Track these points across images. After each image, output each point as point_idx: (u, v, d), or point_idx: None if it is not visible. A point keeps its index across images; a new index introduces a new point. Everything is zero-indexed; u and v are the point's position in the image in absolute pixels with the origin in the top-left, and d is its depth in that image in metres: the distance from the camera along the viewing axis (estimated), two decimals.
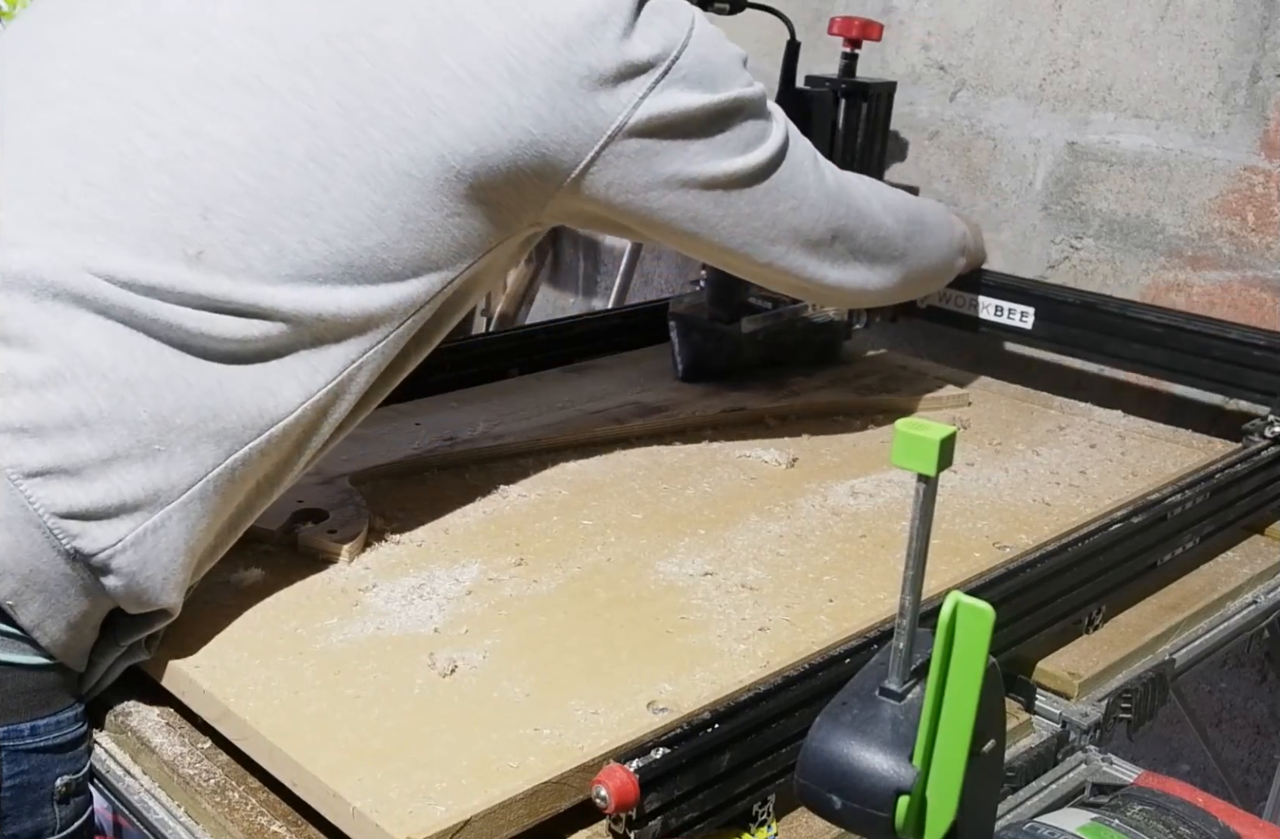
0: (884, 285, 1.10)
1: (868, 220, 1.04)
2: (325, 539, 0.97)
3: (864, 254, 1.05)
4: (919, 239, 1.12)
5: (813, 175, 0.99)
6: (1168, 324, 1.28)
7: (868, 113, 1.41)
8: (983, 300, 1.41)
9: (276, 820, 0.75)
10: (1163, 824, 0.78)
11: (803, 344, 1.43)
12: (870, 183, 1.10)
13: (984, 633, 0.47)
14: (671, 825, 0.71)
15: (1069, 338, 1.35)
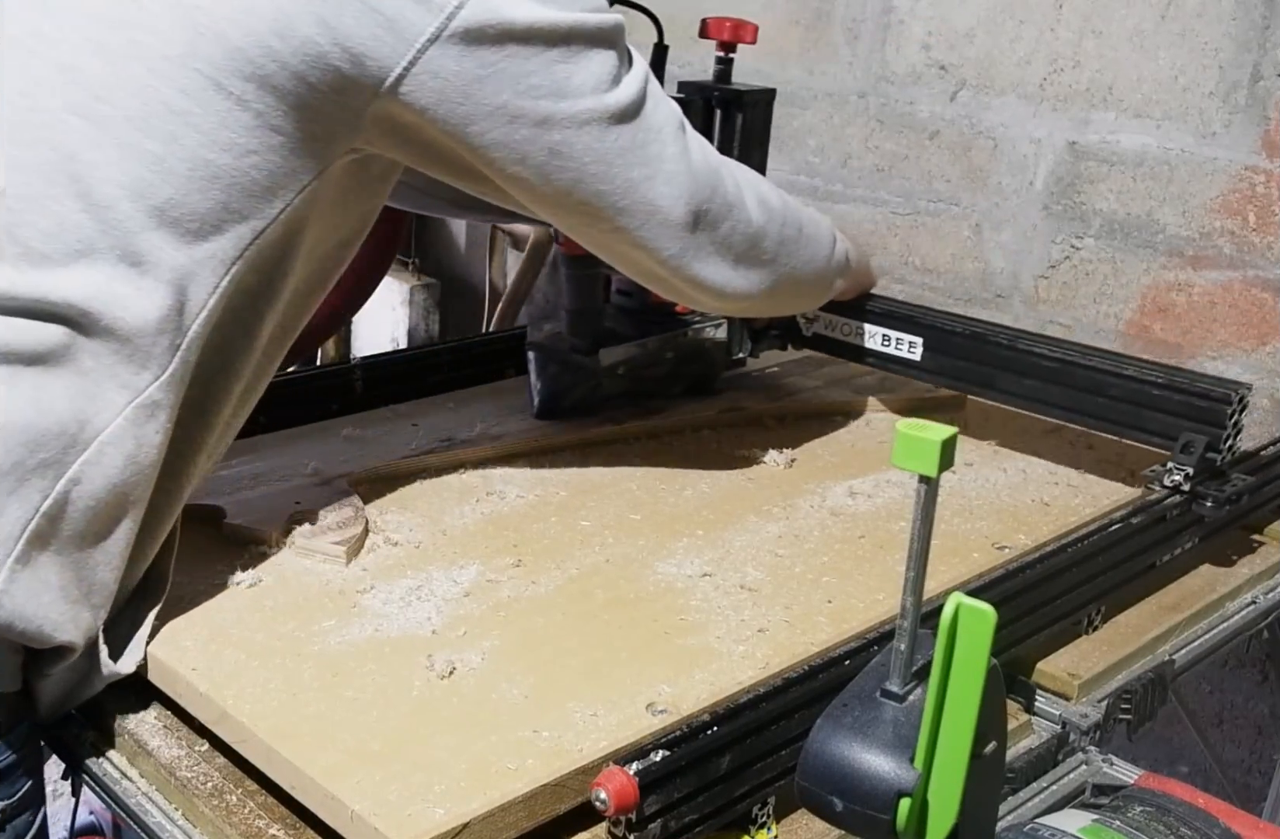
0: (747, 290, 0.99)
1: (735, 212, 0.95)
2: (323, 541, 0.97)
3: (727, 249, 0.95)
4: (792, 247, 1.02)
5: (673, 146, 0.89)
6: (1061, 358, 1.13)
7: (743, 122, 1.28)
8: (869, 328, 1.26)
9: (275, 823, 0.75)
10: (1163, 825, 0.78)
11: (673, 375, 1.31)
12: (752, 177, 1.01)
13: (985, 634, 0.47)
14: (671, 828, 0.70)
15: (958, 371, 1.21)
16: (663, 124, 0.88)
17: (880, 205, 1.69)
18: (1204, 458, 1.04)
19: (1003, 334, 1.19)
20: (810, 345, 1.33)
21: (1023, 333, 1.20)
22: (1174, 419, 1.07)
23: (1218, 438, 1.05)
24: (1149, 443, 1.10)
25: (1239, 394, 1.05)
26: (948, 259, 1.63)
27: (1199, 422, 1.05)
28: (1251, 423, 1.38)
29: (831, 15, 1.69)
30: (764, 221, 0.98)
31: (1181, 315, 1.43)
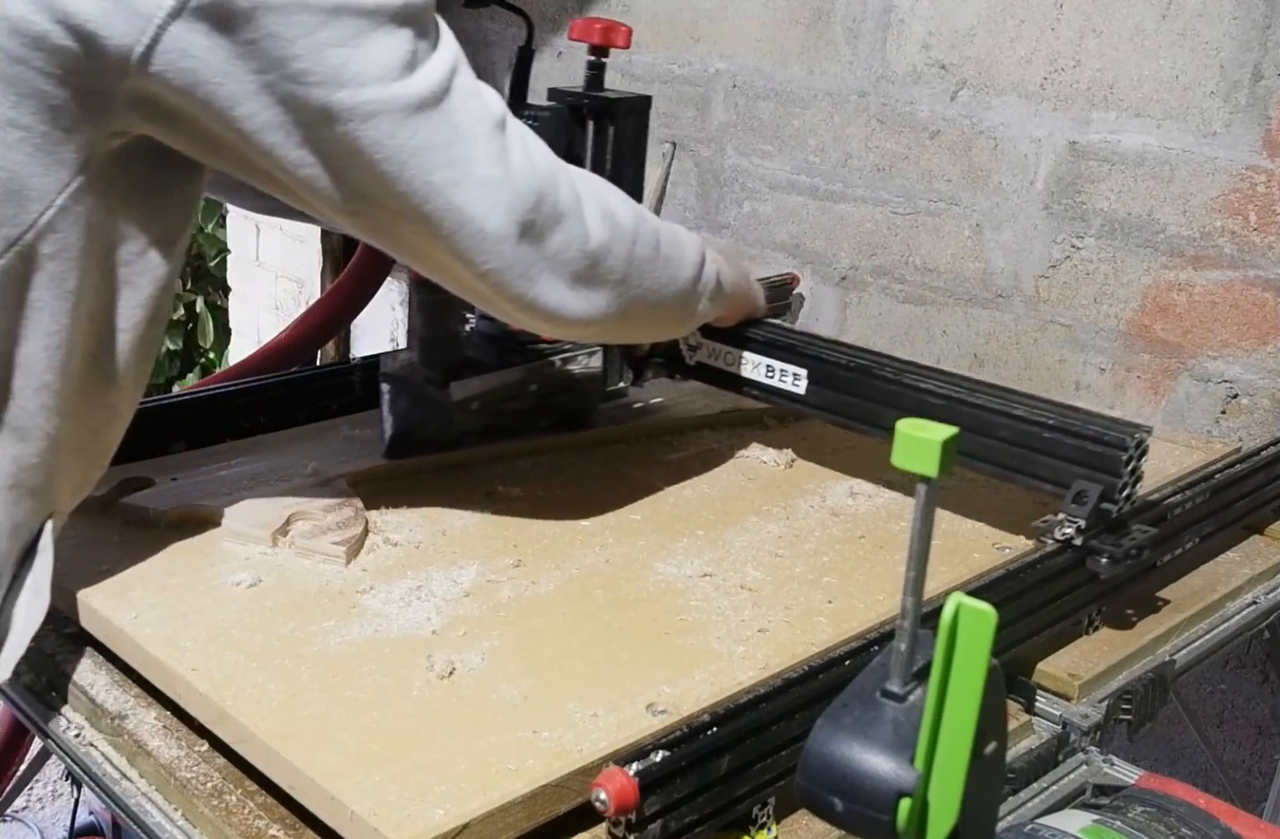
0: (589, 313, 0.89)
1: (569, 226, 0.85)
2: (323, 541, 0.97)
3: (561, 267, 0.85)
4: (646, 267, 0.92)
5: (487, 147, 0.79)
6: (947, 396, 1.04)
7: (615, 133, 1.17)
8: (750, 357, 1.16)
9: (274, 824, 0.75)
10: (1164, 826, 0.78)
11: (539, 409, 1.21)
12: (599, 188, 0.91)
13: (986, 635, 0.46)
14: (671, 828, 0.70)
15: (843, 407, 1.10)
16: (473, 122, 0.78)
17: (880, 205, 1.69)
18: (1098, 509, 0.94)
19: (889, 367, 1.08)
20: (694, 375, 1.23)
21: (910, 366, 1.09)
22: (1066, 465, 0.97)
23: (1113, 487, 0.94)
24: (1041, 491, 1.00)
25: (1136, 438, 0.94)
26: (948, 259, 1.63)
27: (1092, 468, 0.95)
28: (1252, 423, 1.38)
29: (831, 15, 1.69)
30: (607, 238, 0.87)
31: (1182, 315, 1.43)
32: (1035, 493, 1.02)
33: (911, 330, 1.69)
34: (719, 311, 1.08)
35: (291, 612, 0.89)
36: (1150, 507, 1.00)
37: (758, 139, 1.82)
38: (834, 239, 1.76)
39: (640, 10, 1.94)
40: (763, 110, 1.80)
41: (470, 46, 2.23)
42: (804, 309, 1.79)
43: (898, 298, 1.70)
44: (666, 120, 1.94)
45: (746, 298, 1.14)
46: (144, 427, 1.12)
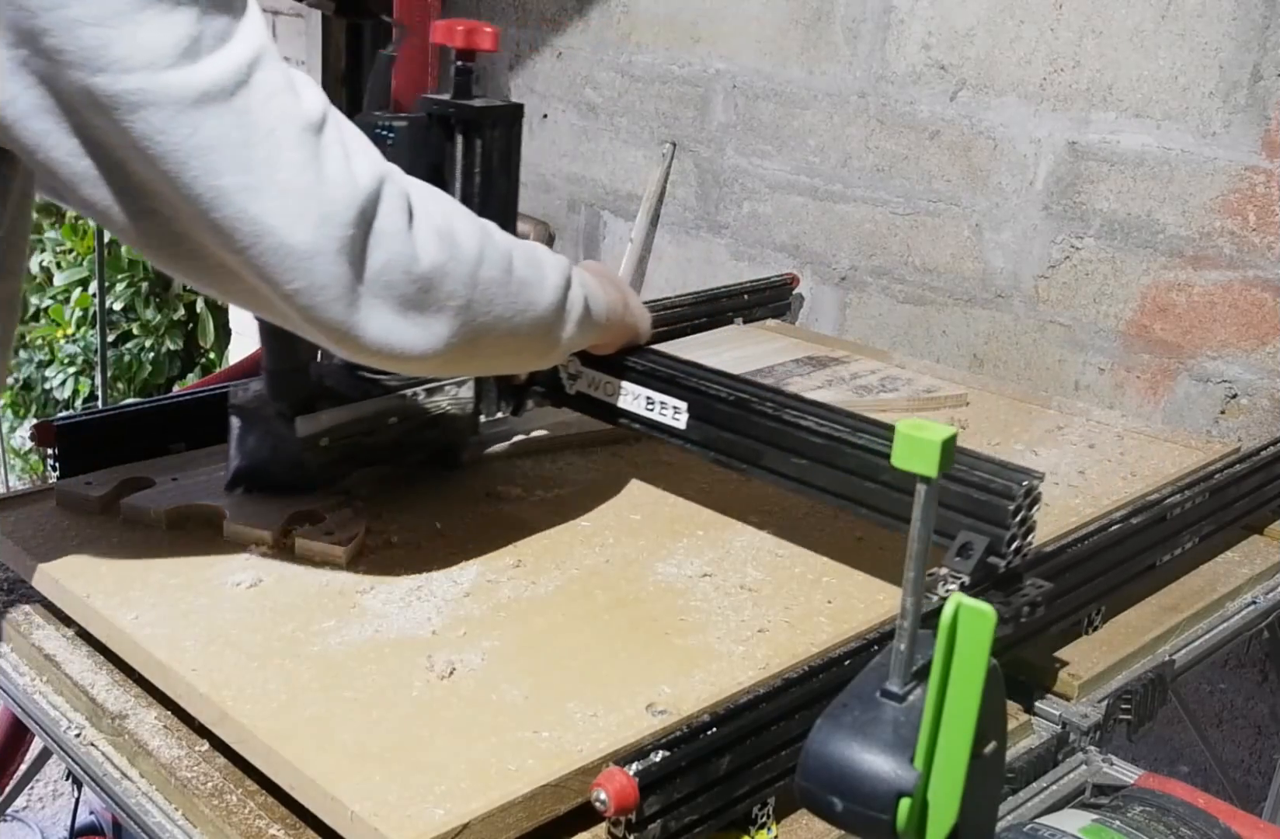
0: (426, 344, 0.79)
1: (396, 245, 0.75)
2: (322, 541, 0.97)
3: (388, 291, 0.76)
4: (495, 292, 0.83)
5: (294, 151, 0.70)
6: (829, 435, 0.94)
7: (484, 144, 1.09)
8: (630, 388, 1.06)
9: (275, 824, 0.75)
10: (1164, 825, 0.78)
11: (403, 445, 1.10)
12: (441, 207, 0.81)
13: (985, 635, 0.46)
14: (671, 828, 0.70)
15: (724, 445, 1.01)
16: (276, 122, 0.69)
17: (880, 205, 1.69)
18: (984, 563, 0.85)
19: (770, 402, 0.99)
20: (574, 405, 1.13)
21: (793, 401, 1.00)
22: (952, 514, 0.87)
23: (1000, 539, 0.85)
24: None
25: (1025, 486, 0.86)
26: (948, 259, 1.63)
27: (978, 518, 0.86)
28: (1251, 423, 1.39)
29: (831, 15, 1.69)
30: (443, 259, 0.78)
31: (1181, 315, 1.43)
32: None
33: (911, 330, 1.69)
34: (592, 339, 1.00)
35: (292, 612, 0.89)
36: (1050, 557, 0.92)
37: (758, 139, 1.82)
38: (834, 239, 1.76)
39: (640, 10, 1.94)
40: (763, 110, 1.80)
41: None
42: (804, 309, 1.80)
43: (897, 298, 1.70)
44: (666, 120, 1.94)
45: (623, 325, 1.04)
46: (144, 426, 1.13)
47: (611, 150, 2.05)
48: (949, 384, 1.43)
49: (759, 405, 0.98)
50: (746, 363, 1.46)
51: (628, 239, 2.00)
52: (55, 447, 1.07)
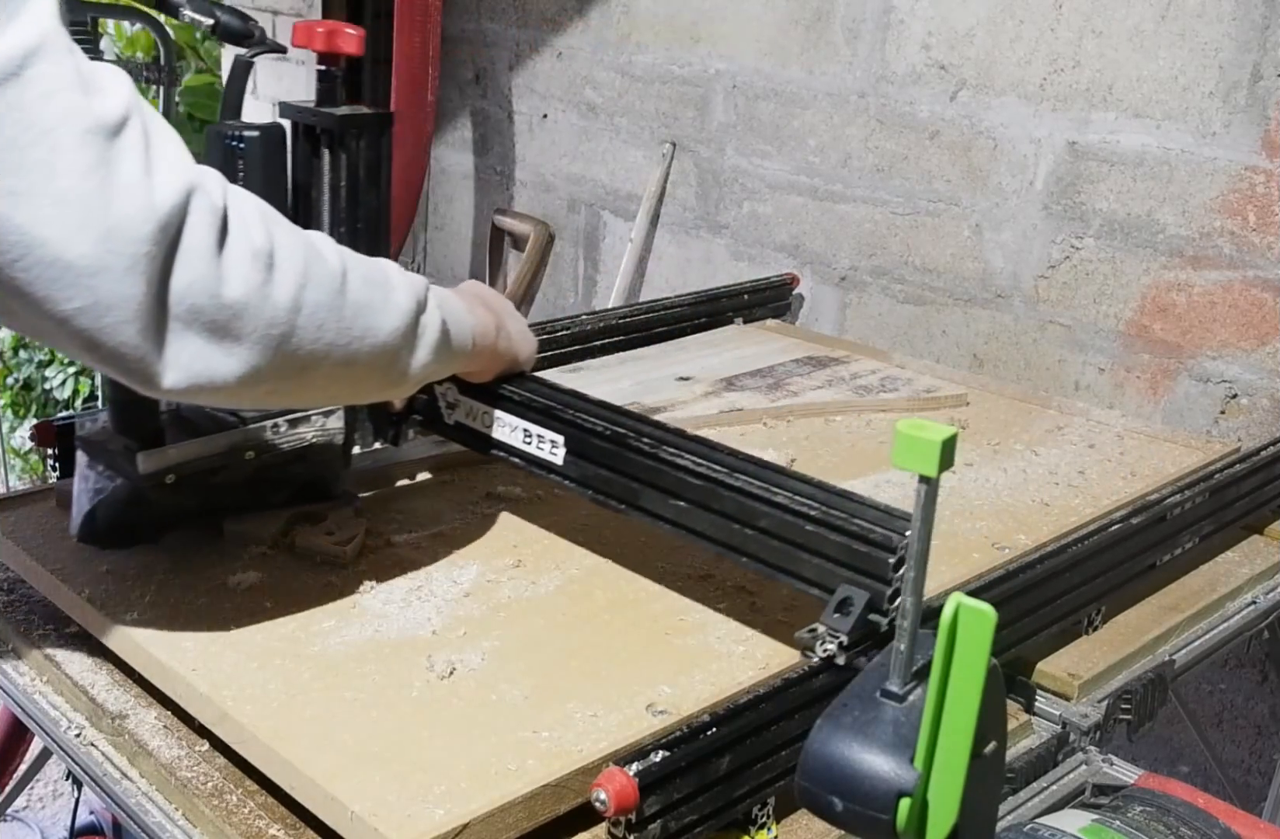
0: (240, 376, 0.71)
1: (202, 265, 0.67)
2: (323, 541, 0.97)
3: (195, 315, 0.67)
4: (327, 317, 0.74)
5: (76, 154, 0.62)
6: (707, 476, 0.87)
7: (348, 156, 1.01)
8: (507, 419, 0.98)
9: (275, 824, 0.75)
10: (1164, 825, 0.78)
11: (266, 483, 1.00)
12: (269, 221, 0.72)
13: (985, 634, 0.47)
14: (671, 828, 0.70)
15: (601, 483, 0.93)
16: (58, 122, 0.62)
17: (880, 205, 1.69)
18: (864, 620, 0.76)
19: (647, 438, 0.91)
20: (453, 436, 1.05)
21: (672, 436, 0.92)
22: (831, 566, 0.80)
23: (881, 595, 0.77)
24: (809, 595, 0.82)
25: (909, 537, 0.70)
26: (948, 259, 1.63)
27: (858, 571, 0.78)
28: (1251, 423, 1.39)
29: (831, 15, 1.69)
30: (259, 281, 0.70)
31: (1181, 315, 1.43)
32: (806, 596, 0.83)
33: (911, 330, 1.69)
34: (455, 367, 0.92)
35: (291, 612, 0.89)
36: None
37: (758, 139, 1.82)
38: (834, 239, 1.76)
39: (640, 10, 1.94)
40: (763, 110, 1.80)
41: (470, 47, 2.23)
42: (804, 309, 1.80)
43: (897, 298, 1.70)
44: (666, 120, 1.94)
45: (495, 351, 0.96)
46: None
47: (611, 150, 2.05)
48: (949, 384, 1.43)
49: (636, 441, 0.91)
50: (746, 363, 1.47)
51: (628, 239, 2.00)
52: (55, 447, 1.07)
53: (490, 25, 2.20)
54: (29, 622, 0.96)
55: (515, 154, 2.23)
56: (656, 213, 1.99)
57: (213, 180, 0.69)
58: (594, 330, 1.47)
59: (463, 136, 2.32)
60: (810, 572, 0.81)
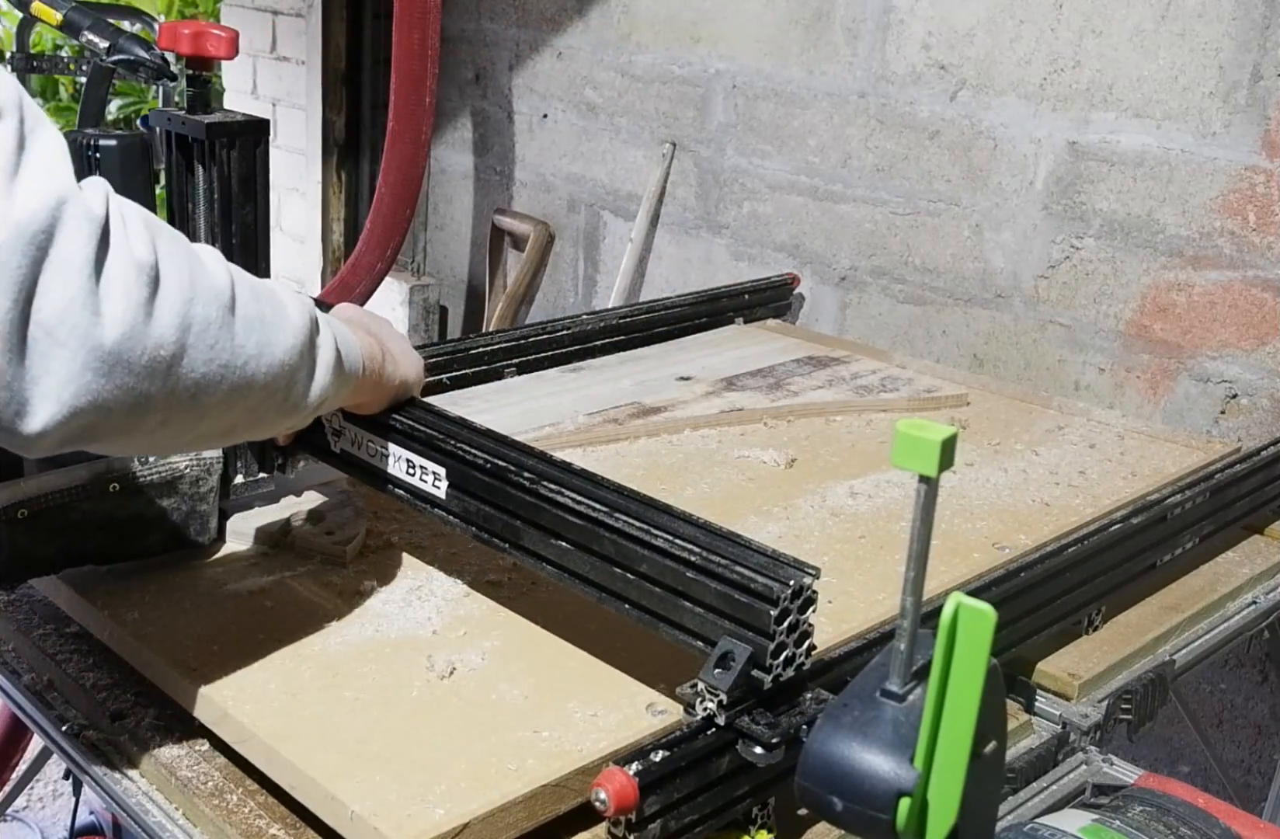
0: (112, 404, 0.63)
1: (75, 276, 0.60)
2: (323, 541, 0.97)
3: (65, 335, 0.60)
4: (217, 333, 0.67)
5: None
6: (585, 515, 0.80)
7: (220, 166, 0.95)
8: (392, 449, 0.91)
9: (275, 823, 0.75)
10: (1164, 825, 0.78)
11: (133, 519, 0.91)
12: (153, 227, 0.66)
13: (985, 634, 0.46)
14: (671, 828, 0.70)
15: (483, 519, 0.86)
16: None
17: (880, 205, 1.69)
18: (746, 676, 0.71)
19: (529, 472, 0.84)
20: (339, 465, 0.97)
21: (556, 470, 0.85)
22: (713, 616, 0.74)
23: (763, 650, 0.71)
24: (692, 649, 0.75)
25: (794, 587, 0.71)
26: (948, 259, 1.63)
27: (739, 624, 0.72)
28: (1251, 423, 1.38)
29: (831, 15, 1.69)
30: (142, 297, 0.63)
31: (1181, 315, 1.43)
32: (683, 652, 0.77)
33: (911, 330, 1.69)
34: (346, 393, 0.83)
35: (292, 611, 0.89)
36: (834, 664, 0.80)
37: (758, 139, 1.82)
38: (834, 239, 1.76)
39: (640, 10, 1.94)
40: (763, 110, 1.80)
41: (470, 46, 2.24)
42: (804, 309, 1.80)
43: (897, 298, 1.70)
44: (666, 120, 1.94)
45: (382, 377, 0.88)
46: None
47: (611, 150, 2.05)
48: (949, 384, 1.43)
49: (516, 476, 0.84)
50: (747, 363, 1.47)
51: (628, 239, 2.00)
52: None
53: (490, 25, 2.20)
54: (29, 621, 0.96)
55: (515, 154, 2.23)
56: (656, 213, 1.99)
57: (94, 189, 0.63)
58: (594, 330, 1.47)
59: (463, 136, 2.32)
60: (692, 622, 0.75)
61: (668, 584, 0.76)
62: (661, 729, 0.75)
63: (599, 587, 0.80)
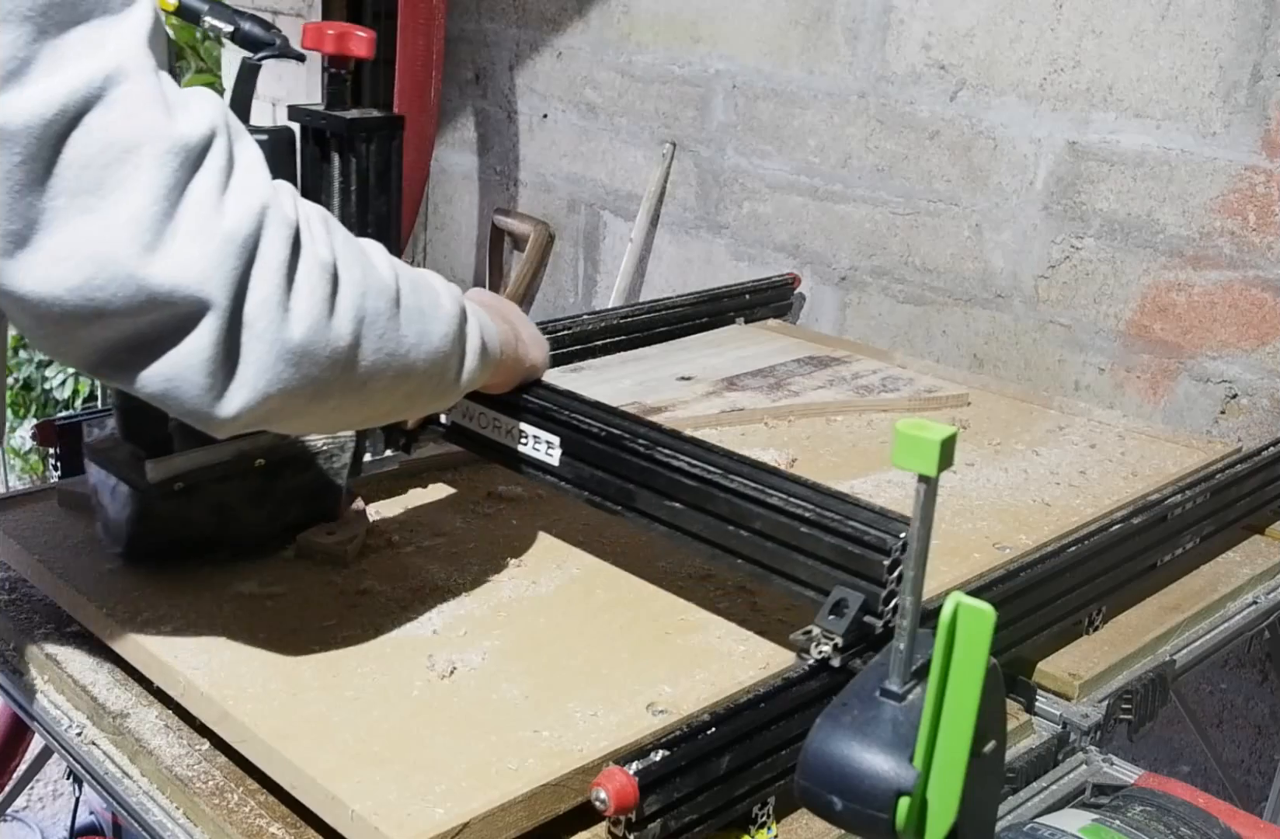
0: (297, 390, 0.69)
1: (274, 277, 0.66)
2: (324, 540, 0.97)
3: (264, 331, 0.66)
4: (384, 325, 0.73)
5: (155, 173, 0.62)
6: (701, 477, 0.86)
7: (357, 160, 1.00)
8: (503, 420, 0.97)
9: (275, 822, 0.75)
10: (1163, 825, 0.78)
11: (272, 492, 0.96)
12: (333, 229, 0.72)
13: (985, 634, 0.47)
14: (671, 828, 0.70)
15: (595, 483, 0.92)
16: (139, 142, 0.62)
17: (880, 205, 1.69)
18: (859, 622, 0.76)
19: (643, 439, 0.90)
20: (449, 437, 1.04)
21: (668, 437, 0.91)
22: (825, 568, 0.80)
23: (875, 597, 0.77)
24: (804, 599, 0.81)
25: (904, 538, 0.77)
26: (948, 259, 1.63)
27: (853, 573, 0.78)
28: (1251, 423, 1.39)
29: (831, 15, 1.69)
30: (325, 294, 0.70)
31: (1181, 315, 1.43)
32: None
33: (911, 330, 1.69)
34: (488, 374, 0.88)
35: (293, 611, 0.89)
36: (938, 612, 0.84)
37: (758, 139, 1.82)
38: (834, 239, 1.76)
39: (640, 10, 1.94)
40: (763, 110, 1.80)
41: (470, 46, 2.24)
42: (804, 309, 1.80)
43: (898, 298, 1.70)
44: (666, 120, 1.94)
45: (517, 359, 0.94)
46: None
47: (611, 150, 2.05)
48: (950, 384, 1.43)
49: (631, 442, 0.90)
50: (747, 363, 1.47)
51: (628, 239, 2.00)
52: (56, 446, 1.07)
53: (490, 25, 2.20)
54: (30, 620, 0.96)
55: (515, 154, 2.23)
56: (656, 213, 1.99)
57: (285, 194, 0.69)
58: (595, 330, 1.47)
59: (463, 136, 2.32)
60: (804, 573, 0.81)
61: (782, 539, 0.82)
62: (661, 729, 0.75)
63: (712, 543, 0.86)
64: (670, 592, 0.94)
